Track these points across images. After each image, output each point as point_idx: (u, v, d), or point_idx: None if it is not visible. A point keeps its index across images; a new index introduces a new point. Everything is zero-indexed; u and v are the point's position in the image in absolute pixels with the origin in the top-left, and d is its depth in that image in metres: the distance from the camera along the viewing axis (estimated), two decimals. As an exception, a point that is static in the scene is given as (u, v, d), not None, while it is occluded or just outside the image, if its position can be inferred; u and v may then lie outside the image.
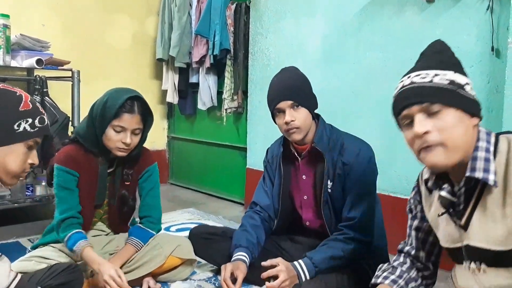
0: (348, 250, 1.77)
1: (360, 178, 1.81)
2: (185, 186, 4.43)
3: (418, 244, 1.41)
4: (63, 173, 1.87)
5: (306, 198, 1.94)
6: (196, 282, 2.09)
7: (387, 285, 1.38)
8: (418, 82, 1.15)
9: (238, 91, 3.57)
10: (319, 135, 1.86)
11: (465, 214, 1.19)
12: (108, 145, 1.85)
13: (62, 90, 3.28)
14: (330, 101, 2.86)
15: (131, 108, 1.81)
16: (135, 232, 2.02)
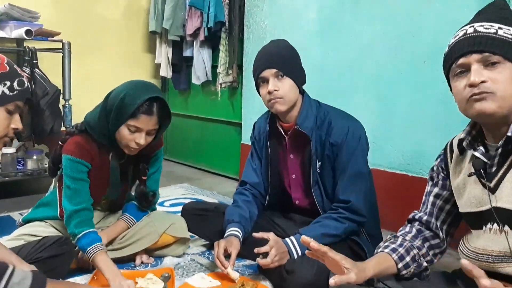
0: (341, 229, 1.74)
1: (351, 158, 1.75)
2: (180, 161, 4.40)
3: (432, 211, 1.41)
4: (76, 164, 1.77)
5: (294, 177, 1.90)
6: (190, 256, 2.08)
7: (386, 253, 1.38)
8: (482, 32, 1.14)
9: (233, 65, 3.51)
10: (303, 115, 1.78)
11: (496, 176, 1.19)
12: (119, 142, 1.76)
13: (53, 62, 3.23)
14: (326, 75, 2.82)
15: (149, 109, 1.69)
16: (129, 209, 2.00)
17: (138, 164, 1.95)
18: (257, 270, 1.92)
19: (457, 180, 1.32)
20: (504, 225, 1.18)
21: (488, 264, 1.22)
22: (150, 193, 2.00)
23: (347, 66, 2.74)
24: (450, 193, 1.37)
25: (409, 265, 1.38)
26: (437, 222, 1.40)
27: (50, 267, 1.50)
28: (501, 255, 1.18)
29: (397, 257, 1.37)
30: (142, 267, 1.95)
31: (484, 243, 1.23)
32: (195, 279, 1.78)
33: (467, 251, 1.28)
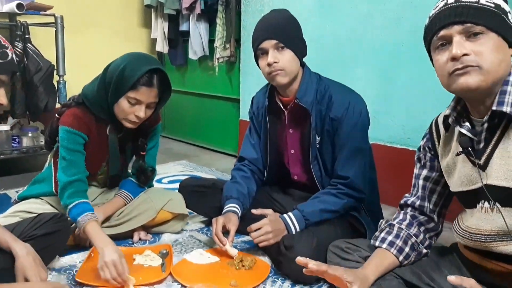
0: (340, 204, 1.72)
1: (351, 133, 1.71)
2: (178, 138, 4.37)
3: (424, 194, 1.39)
4: (73, 136, 1.74)
5: (293, 152, 1.87)
6: (188, 232, 2.07)
7: (384, 249, 1.37)
8: (463, 1, 1.09)
9: (231, 39, 3.44)
10: (303, 89, 1.73)
11: (485, 153, 1.16)
12: (118, 115, 1.73)
13: (46, 37, 3.17)
14: (326, 48, 2.76)
15: (150, 81, 1.66)
16: (126, 185, 1.97)
17: (137, 139, 1.92)
18: (256, 245, 1.91)
19: (446, 159, 1.29)
20: (495, 203, 1.15)
21: (481, 243, 1.20)
22: (149, 169, 1.97)
23: (346, 37, 2.68)
24: (439, 174, 1.34)
25: (409, 255, 1.37)
26: (430, 205, 1.38)
27: (45, 245, 1.48)
28: (494, 233, 1.16)
29: (396, 251, 1.36)
30: (140, 244, 1.93)
31: (476, 222, 1.20)
32: (193, 256, 1.76)
33: (460, 230, 1.26)
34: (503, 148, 1.12)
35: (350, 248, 1.50)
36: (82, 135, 1.76)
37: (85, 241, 1.82)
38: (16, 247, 1.32)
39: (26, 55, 2.86)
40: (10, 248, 1.32)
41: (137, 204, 1.94)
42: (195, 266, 1.70)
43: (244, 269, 1.67)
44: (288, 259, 1.55)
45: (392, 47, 2.45)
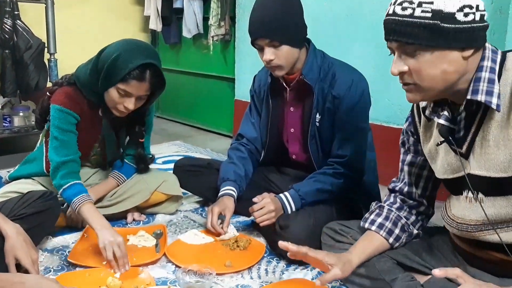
0: (336, 185, 1.70)
1: (352, 113, 1.69)
2: (172, 119, 4.33)
3: (411, 180, 1.37)
4: (65, 115, 1.70)
5: (292, 131, 1.84)
6: (182, 213, 2.05)
7: (373, 232, 1.36)
8: (398, 14, 1.05)
9: (225, 17, 3.37)
10: (308, 65, 1.70)
11: (466, 141, 1.14)
12: (107, 102, 1.68)
13: (36, 13, 3.09)
14: (322, 25, 2.71)
15: (141, 76, 1.59)
16: (119, 167, 1.94)
17: (131, 122, 1.87)
18: (251, 226, 1.90)
19: (428, 146, 1.27)
20: (478, 193, 1.14)
21: (468, 233, 1.19)
22: (149, 156, 1.94)
23: (344, 15, 2.63)
24: (424, 159, 1.32)
25: (399, 237, 1.36)
26: (418, 190, 1.36)
27: (34, 224, 1.45)
28: (479, 223, 1.15)
29: (385, 233, 1.36)
30: (133, 224, 1.92)
31: (461, 212, 1.19)
32: (187, 236, 1.74)
33: (447, 218, 1.26)
34: (482, 136, 1.10)
35: (344, 230, 1.50)
36: (74, 114, 1.72)
37: (77, 222, 1.80)
38: (6, 227, 1.29)
39: (15, 32, 2.79)
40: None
41: (131, 185, 1.91)
42: (190, 246, 1.69)
43: (239, 249, 1.65)
44: (283, 239, 1.53)
45: (390, 25, 2.40)
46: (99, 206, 1.84)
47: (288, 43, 1.61)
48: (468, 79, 1.08)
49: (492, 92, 1.04)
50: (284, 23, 1.59)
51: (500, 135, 1.06)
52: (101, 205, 1.86)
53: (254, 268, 1.57)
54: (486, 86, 1.05)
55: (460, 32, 1.01)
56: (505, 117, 1.05)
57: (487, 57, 1.07)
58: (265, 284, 1.47)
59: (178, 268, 1.50)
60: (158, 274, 1.51)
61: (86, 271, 1.46)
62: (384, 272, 1.31)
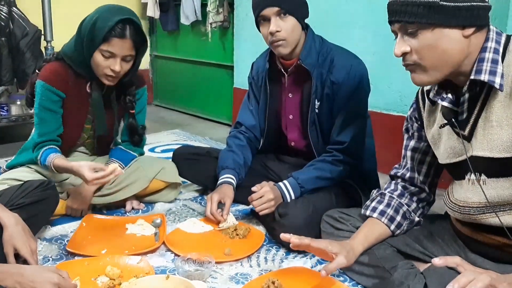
0: (335, 172, 1.70)
1: (350, 98, 1.68)
2: (170, 107, 4.31)
3: (413, 166, 1.37)
4: (48, 92, 1.69)
5: (291, 117, 1.83)
6: (181, 201, 2.04)
7: (375, 219, 1.36)
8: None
9: (224, 3, 3.34)
10: (306, 50, 1.68)
11: (469, 123, 1.14)
12: (95, 71, 1.67)
13: (33, 1, 3.05)
14: (320, 9, 2.66)
15: (122, 32, 1.60)
16: (116, 154, 1.93)
17: (122, 97, 1.85)
18: (250, 214, 1.89)
19: (431, 130, 1.27)
20: (481, 174, 1.13)
21: (470, 216, 1.19)
22: (140, 126, 1.92)
23: (343, 0, 2.59)
24: (427, 145, 1.32)
25: (401, 224, 1.36)
26: (420, 176, 1.36)
27: (33, 213, 1.44)
28: (482, 206, 1.15)
29: (387, 220, 1.35)
30: (132, 213, 1.91)
31: (464, 194, 1.19)
32: (186, 225, 1.74)
33: (450, 203, 1.25)
34: (485, 117, 1.10)
35: (344, 217, 1.49)
36: (57, 92, 1.71)
37: (76, 212, 1.79)
38: (4, 216, 1.28)
39: (11, 20, 2.77)
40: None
41: (129, 173, 1.90)
42: (189, 235, 1.68)
43: (238, 237, 1.65)
44: (283, 227, 1.54)
45: (391, 10, 2.37)
46: (98, 195, 1.84)
47: (295, 14, 1.62)
48: (472, 61, 1.08)
49: (495, 72, 1.05)
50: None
51: (503, 115, 1.06)
52: (100, 194, 1.85)
53: (253, 256, 1.57)
54: (490, 66, 1.06)
55: (459, 10, 1.02)
56: (508, 97, 1.05)
57: (491, 38, 1.08)
58: (265, 272, 1.47)
59: (177, 256, 1.49)
60: (157, 262, 1.50)
61: (85, 260, 1.46)
62: (384, 259, 1.31)
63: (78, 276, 1.31)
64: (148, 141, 2.93)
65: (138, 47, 1.69)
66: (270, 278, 1.31)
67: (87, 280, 1.33)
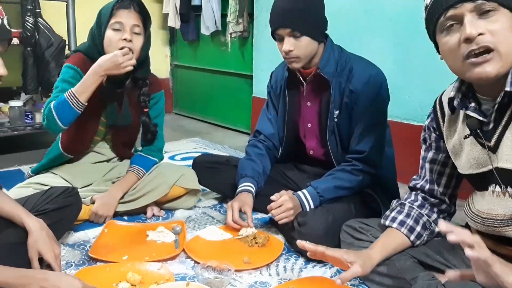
0: (355, 181, 1.69)
1: (369, 107, 1.67)
2: (190, 116, 4.35)
3: (432, 178, 1.35)
4: (71, 71, 1.80)
5: (310, 126, 1.83)
6: (201, 209, 2.06)
7: (394, 229, 1.35)
8: None
9: (244, 14, 3.36)
10: (325, 59, 1.69)
11: (495, 134, 1.11)
12: (110, 51, 1.73)
13: (57, 11, 3.13)
14: (340, 20, 2.68)
15: (126, 4, 1.75)
16: (136, 160, 1.97)
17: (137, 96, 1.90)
18: (269, 222, 1.90)
19: (452, 141, 1.24)
20: (507, 187, 1.10)
21: (494, 228, 1.16)
22: (152, 123, 1.95)
23: (362, 9, 2.60)
24: (446, 156, 1.30)
25: (421, 235, 1.34)
26: (439, 188, 1.34)
27: (57, 219, 1.47)
28: (507, 218, 1.12)
29: (406, 230, 1.34)
30: (153, 220, 1.93)
31: (487, 206, 1.16)
32: (206, 232, 1.75)
33: (472, 214, 1.22)
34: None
35: (363, 228, 1.48)
36: (81, 72, 1.79)
37: (100, 218, 1.83)
38: (30, 222, 1.31)
39: (37, 30, 2.84)
40: (23, 223, 1.31)
41: (150, 180, 1.93)
42: (208, 242, 1.69)
43: (257, 246, 1.65)
44: (301, 236, 1.53)
45: (410, 19, 2.37)
46: (120, 202, 1.88)
47: (309, 34, 1.62)
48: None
49: None
50: (307, 14, 1.60)
51: None
52: (121, 201, 1.88)
53: (272, 265, 1.57)
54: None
55: None
56: None
57: None
58: (284, 281, 1.47)
59: (197, 264, 1.50)
60: (177, 269, 1.52)
61: (106, 266, 1.48)
62: (404, 270, 1.30)
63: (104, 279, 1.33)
64: (168, 149, 2.97)
65: (145, 20, 1.80)
66: (289, 287, 1.31)
67: (109, 286, 1.34)
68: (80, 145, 1.93)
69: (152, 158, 1.99)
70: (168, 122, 4.19)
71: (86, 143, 1.93)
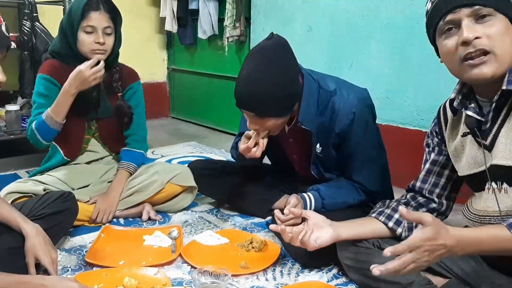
0: (358, 200, 1.71)
1: (360, 144, 1.65)
2: (187, 119, 4.34)
3: (428, 178, 1.37)
4: (45, 81, 1.85)
5: (295, 157, 1.84)
6: (198, 213, 2.06)
7: (373, 218, 1.40)
8: None
9: (241, 18, 3.36)
10: (304, 108, 1.60)
11: (491, 133, 1.13)
12: (84, 52, 1.81)
13: (54, 16, 3.11)
14: (338, 25, 2.69)
15: (96, 6, 1.79)
16: (124, 156, 2.00)
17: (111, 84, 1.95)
18: (266, 227, 1.90)
19: (454, 142, 1.27)
20: (502, 183, 1.13)
21: None
22: (126, 105, 1.97)
23: (360, 15, 2.60)
24: (447, 158, 1.33)
25: (400, 221, 1.37)
26: (435, 189, 1.36)
27: (54, 223, 1.48)
28: (503, 214, 1.13)
29: (384, 218, 1.38)
30: (149, 224, 1.93)
31: (484, 203, 1.18)
32: (203, 237, 1.75)
33: (470, 214, 1.24)
34: (509, 127, 1.10)
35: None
36: (55, 82, 1.84)
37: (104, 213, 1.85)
38: (26, 227, 1.31)
39: (34, 34, 2.83)
40: (20, 227, 1.31)
41: (145, 178, 1.95)
42: (205, 247, 1.70)
43: (254, 251, 1.66)
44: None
45: (406, 24, 2.38)
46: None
47: (272, 116, 1.55)
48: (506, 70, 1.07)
49: None
50: (267, 98, 1.50)
51: None
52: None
53: (269, 269, 1.57)
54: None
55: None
56: None
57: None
58: (281, 286, 1.47)
59: (194, 268, 1.50)
60: (174, 274, 1.52)
61: (103, 271, 1.48)
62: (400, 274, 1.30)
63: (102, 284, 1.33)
64: (165, 153, 2.97)
65: (115, 19, 1.84)
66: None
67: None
68: (77, 147, 1.96)
69: (138, 151, 2.02)
70: (165, 126, 4.22)
71: (81, 144, 1.96)
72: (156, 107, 4.26)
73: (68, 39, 1.82)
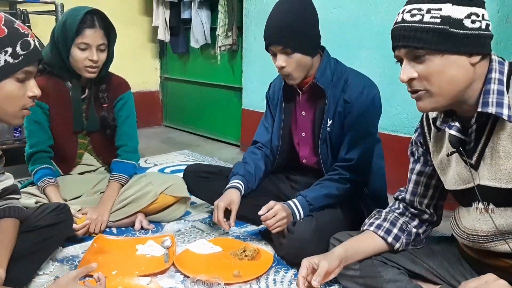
0: (342, 189, 1.72)
1: (361, 117, 1.71)
2: (180, 128, 4.35)
3: (417, 189, 1.37)
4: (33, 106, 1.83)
5: (304, 135, 1.86)
6: (191, 222, 2.06)
7: (372, 232, 1.37)
8: (407, 21, 1.07)
9: (233, 27, 3.39)
10: (321, 70, 1.73)
11: (476, 153, 1.14)
12: (76, 66, 1.81)
13: (47, 26, 3.10)
14: (329, 33, 2.69)
15: (91, 23, 1.77)
16: (115, 168, 1.99)
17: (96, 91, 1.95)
18: (259, 235, 1.90)
19: (439, 156, 1.27)
20: (489, 204, 1.14)
21: (479, 244, 1.19)
22: (111, 117, 1.98)
23: (351, 24, 2.64)
24: (433, 169, 1.33)
25: (399, 236, 1.36)
26: (423, 200, 1.36)
27: (48, 236, 1.46)
28: (491, 234, 1.15)
29: (383, 232, 1.36)
30: (142, 233, 1.93)
31: (472, 223, 1.19)
32: (196, 245, 1.75)
33: (458, 230, 1.25)
34: (492, 147, 1.10)
35: None
36: (40, 104, 1.83)
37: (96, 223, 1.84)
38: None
39: (26, 45, 2.83)
40: None
41: (138, 189, 1.94)
42: (198, 256, 1.70)
43: (247, 259, 1.66)
44: (289, 242, 1.60)
45: (397, 34, 2.41)
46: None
47: (300, 51, 1.65)
48: (477, 89, 1.08)
49: (502, 104, 1.05)
50: (298, 31, 1.62)
51: (510, 146, 1.06)
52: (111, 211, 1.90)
53: (262, 278, 1.57)
54: (496, 98, 1.05)
55: (467, 38, 1.02)
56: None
57: (495, 69, 1.08)
58: (273, 294, 1.47)
59: (187, 278, 1.51)
60: (167, 283, 1.52)
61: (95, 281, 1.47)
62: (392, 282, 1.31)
63: None
64: (158, 161, 2.97)
65: (109, 35, 1.84)
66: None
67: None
68: (72, 162, 1.98)
69: (129, 162, 2.01)
70: (157, 134, 4.22)
71: (74, 159, 1.97)
72: (148, 115, 4.27)
73: (60, 52, 1.80)
